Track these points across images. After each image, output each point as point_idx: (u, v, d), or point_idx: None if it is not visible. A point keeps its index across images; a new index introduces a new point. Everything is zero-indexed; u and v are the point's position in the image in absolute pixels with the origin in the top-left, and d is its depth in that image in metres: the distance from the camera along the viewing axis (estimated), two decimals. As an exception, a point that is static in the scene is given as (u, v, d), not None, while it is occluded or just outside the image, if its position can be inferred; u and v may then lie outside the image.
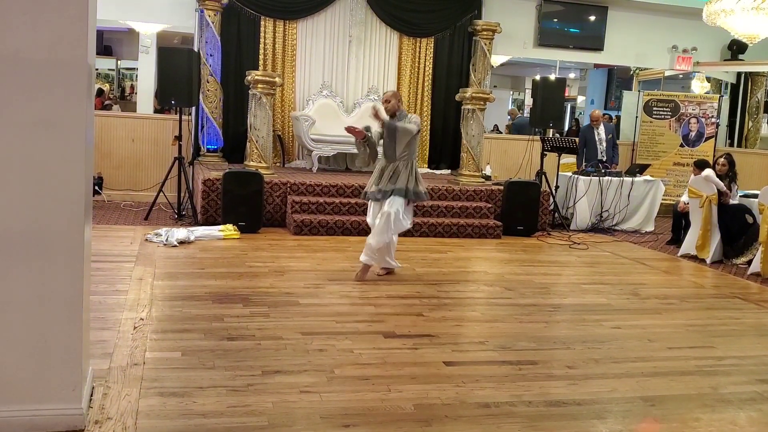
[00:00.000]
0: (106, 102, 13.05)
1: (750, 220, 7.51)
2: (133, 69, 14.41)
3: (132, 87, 15.04)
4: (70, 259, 2.81)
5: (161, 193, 8.12)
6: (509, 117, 16.51)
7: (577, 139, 10.06)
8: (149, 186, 9.10)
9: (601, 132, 9.98)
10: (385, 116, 5.57)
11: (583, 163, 9.81)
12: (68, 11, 2.68)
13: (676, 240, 8.40)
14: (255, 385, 3.45)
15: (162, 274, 5.58)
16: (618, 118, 12.21)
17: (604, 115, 10.80)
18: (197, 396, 3.28)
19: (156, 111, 10.50)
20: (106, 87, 14.53)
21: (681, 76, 13.41)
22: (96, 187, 8.94)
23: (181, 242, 6.72)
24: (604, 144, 9.95)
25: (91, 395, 3.18)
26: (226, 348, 3.97)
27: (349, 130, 5.66)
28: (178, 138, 8.14)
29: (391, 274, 5.98)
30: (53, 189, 2.76)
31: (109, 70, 15.22)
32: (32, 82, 2.68)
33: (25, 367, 2.82)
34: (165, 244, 6.62)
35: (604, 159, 9.83)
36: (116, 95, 14.95)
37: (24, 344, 2.81)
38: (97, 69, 10.68)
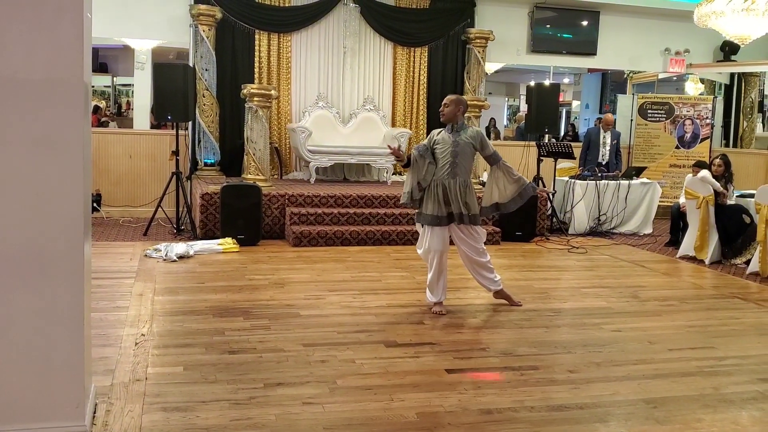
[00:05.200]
0: (103, 119, 13.07)
1: (747, 220, 7.53)
2: (129, 85, 14.46)
3: (128, 103, 15.08)
4: (71, 276, 2.82)
5: (160, 209, 8.13)
6: (513, 122, 16.79)
7: (572, 144, 10.10)
8: (148, 202, 9.11)
9: (607, 136, 10.02)
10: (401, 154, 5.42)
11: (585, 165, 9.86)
12: (64, 31, 2.71)
13: (675, 241, 8.42)
14: (257, 398, 3.46)
15: (162, 290, 5.59)
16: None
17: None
18: (200, 410, 3.29)
19: (153, 127, 10.51)
20: (102, 104, 14.57)
21: (675, 78, 13.45)
22: (95, 204, 8.95)
23: (181, 257, 6.73)
24: (608, 148, 9.99)
25: (95, 412, 3.18)
26: (228, 361, 3.97)
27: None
28: (176, 153, 8.15)
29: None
30: (52, 207, 2.77)
31: (105, 86, 15.26)
32: (30, 101, 2.71)
33: (28, 385, 2.83)
34: (164, 260, 6.63)
35: (605, 163, 9.87)
36: (113, 112, 14.98)
37: (26, 362, 2.82)
38: (93, 86, 10.67)
